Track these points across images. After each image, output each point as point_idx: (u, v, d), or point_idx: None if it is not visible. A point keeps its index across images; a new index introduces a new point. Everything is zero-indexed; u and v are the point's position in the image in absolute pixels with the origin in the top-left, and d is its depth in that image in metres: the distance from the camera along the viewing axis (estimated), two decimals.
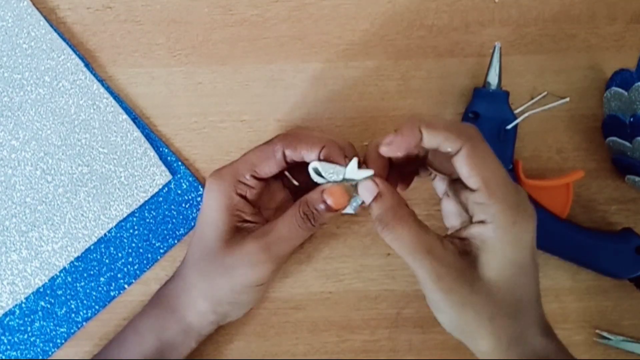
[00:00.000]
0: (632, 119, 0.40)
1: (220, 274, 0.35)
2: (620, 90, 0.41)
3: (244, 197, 0.36)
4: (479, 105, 0.41)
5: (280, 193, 0.40)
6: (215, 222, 0.36)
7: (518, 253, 0.31)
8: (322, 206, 0.34)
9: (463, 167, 0.31)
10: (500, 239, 0.30)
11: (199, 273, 0.36)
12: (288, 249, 0.35)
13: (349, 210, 0.34)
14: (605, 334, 0.42)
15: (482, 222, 0.31)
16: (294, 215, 0.34)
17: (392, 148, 0.32)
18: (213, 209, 0.36)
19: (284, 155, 0.36)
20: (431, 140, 0.31)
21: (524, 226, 0.31)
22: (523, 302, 0.32)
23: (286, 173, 0.39)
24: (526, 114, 0.41)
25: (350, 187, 0.34)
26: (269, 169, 0.36)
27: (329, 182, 0.34)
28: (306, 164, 0.34)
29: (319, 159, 0.35)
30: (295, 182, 0.39)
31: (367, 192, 0.33)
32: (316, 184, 0.35)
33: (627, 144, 0.40)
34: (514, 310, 0.31)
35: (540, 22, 0.44)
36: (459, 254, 0.31)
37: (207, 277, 0.36)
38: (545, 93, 0.43)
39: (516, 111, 0.41)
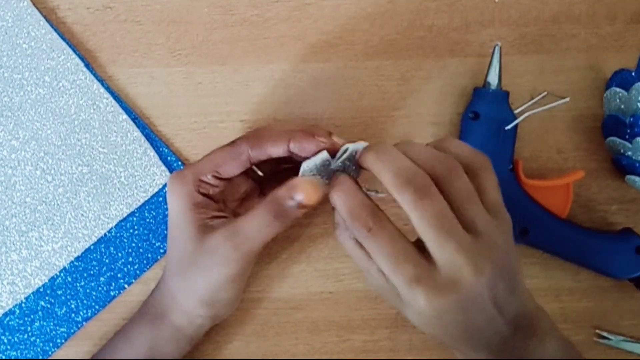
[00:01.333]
0: (632, 119, 0.40)
1: (196, 273, 0.35)
2: (620, 90, 0.41)
3: (206, 195, 0.36)
4: (479, 105, 0.41)
5: (244, 184, 0.39)
6: (182, 223, 0.35)
7: (423, 316, 0.31)
8: (291, 203, 0.33)
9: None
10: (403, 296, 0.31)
11: (178, 275, 0.36)
12: (258, 245, 0.34)
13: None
14: (605, 334, 0.42)
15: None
16: (263, 214, 0.33)
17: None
18: (178, 211, 0.35)
19: (249, 156, 0.35)
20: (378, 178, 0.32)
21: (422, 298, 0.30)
22: (454, 339, 0.32)
23: (254, 167, 0.38)
24: (526, 114, 0.41)
25: (322, 180, 0.34)
26: (232, 170, 0.36)
27: (307, 172, 0.34)
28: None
29: (290, 152, 0.34)
30: (260, 173, 0.39)
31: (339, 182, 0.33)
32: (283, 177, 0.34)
33: (627, 144, 0.40)
34: (459, 340, 0.32)
35: (540, 22, 0.44)
36: None
37: (185, 277, 0.36)
38: (545, 93, 0.43)
39: (516, 111, 0.41)
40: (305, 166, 0.34)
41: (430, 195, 0.29)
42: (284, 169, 0.39)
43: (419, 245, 0.31)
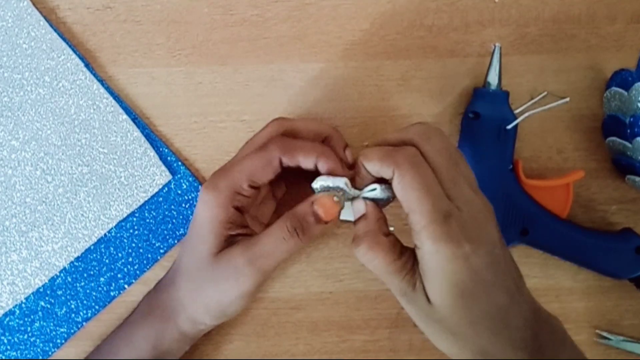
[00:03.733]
0: (632, 119, 0.40)
1: (209, 285, 0.35)
2: (620, 90, 0.41)
3: (238, 208, 0.36)
4: (479, 105, 0.41)
5: (269, 202, 0.40)
6: (208, 234, 0.35)
7: (448, 280, 0.30)
8: (312, 218, 0.34)
9: (397, 192, 0.31)
10: (429, 266, 0.30)
11: (191, 282, 0.36)
12: (273, 263, 0.34)
13: (347, 217, 0.34)
14: (605, 334, 0.42)
15: (416, 247, 0.31)
16: (281, 228, 0.34)
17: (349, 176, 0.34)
18: (207, 222, 0.35)
19: (280, 162, 0.35)
20: (370, 169, 0.32)
21: (449, 255, 0.29)
22: (478, 323, 0.31)
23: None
24: (526, 114, 0.41)
25: (342, 196, 0.34)
26: (266, 176, 0.35)
27: (320, 192, 0.34)
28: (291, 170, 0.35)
29: (317, 170, 0.35)
30: (284, 189, 0.40)
31: (356, 211, 0.34)
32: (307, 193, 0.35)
33: (627, 144, 0.40)
34: (472, 330, 0.31)
35: (540, 22, 0.44)
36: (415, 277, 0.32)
37: (199, 287, 0.35)
38: (545, 93, 0.43)
39: (516, 111, 0.41)
40: (322, 182, 0.34)
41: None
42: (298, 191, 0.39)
43: None
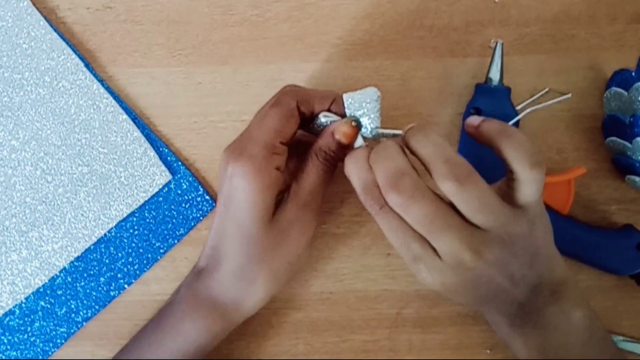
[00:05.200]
0: (632, 119, 0.40)
1: (272, 255, 0.35)
2: (620, 90, 0.41)
3: (279, 169, 0.35)
4: (480, 101, 0.41)
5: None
6: (256, 205, 0.33)
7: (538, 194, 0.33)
8: (334, 145, 0.36)
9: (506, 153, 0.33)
10: (526, 190, 0.33)
11: (249, 262, 0.35)
12: (320, 198, 0.36)
13: (359, 142, 0.36)
14: None
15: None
16: (316, 165, 0.35)
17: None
18: (253, 193, 0.33)
19: (299, 111, 0.36)
20: (492, 129, 0.34)
21: (540, 180, 0.32)
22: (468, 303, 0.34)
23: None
24: (528, 110, 0.41)
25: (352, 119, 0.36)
26: (292, 128, 0.35)
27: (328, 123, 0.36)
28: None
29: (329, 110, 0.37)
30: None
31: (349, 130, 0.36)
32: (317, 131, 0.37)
33: (627, 144, 0.40)
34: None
35: (540, 22, 0.44)
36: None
37: (259, 263, 0.35)
38: (546, 89, 0.43)
39: (517, 108, 0.41)
40: (327, 117, 0.36)
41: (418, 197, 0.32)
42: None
43: None
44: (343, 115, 0.36)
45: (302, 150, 0.37)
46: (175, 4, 0.44)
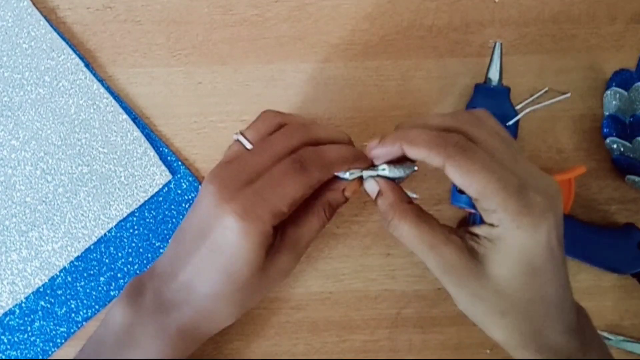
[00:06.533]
0: (632, 119, 0.40)
1: (255, 294, 0.35)
2: (620, 90, 0.41)
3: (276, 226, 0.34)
4: (479, 101, 0.41)
5: None
6: (250, 263, 0.33)
7: (526, 256, 0.30)
8: (342, 200, 0.36)
9: (455, 180, 0.30)
10: (506, 242, 0.30)
11: (233, 305, 0.35)
12: (309, 245, 0.36)
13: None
14: (605, 334, 0.42)
15: (490, 224, 0.31)
16: (321, 218, 0.35)
17: (375, 156, 0.34)
18: (249, 252, 0.32)
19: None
20: (414, 155, 0.32)
21: (531, 229, 0.30)
22: (537, 302, 0.31)
23: None
24: (527, 110, 0.41)
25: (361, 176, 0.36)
26: (305, 195, 0.34)
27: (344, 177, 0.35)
28: None
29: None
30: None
31: (370, 191, 0.35)
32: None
33: (627, 144, 0.40)
34: (527, 309, 0.31)
35: (540, 22, 0.44)
36: (467, 250, 0.31)
37: (241, 303, 0.35)
38: (546, 89, 0.43)
39: (517, 107, 0.41)
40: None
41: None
42: None
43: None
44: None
45: None
46: (175, 4, 0.44)
